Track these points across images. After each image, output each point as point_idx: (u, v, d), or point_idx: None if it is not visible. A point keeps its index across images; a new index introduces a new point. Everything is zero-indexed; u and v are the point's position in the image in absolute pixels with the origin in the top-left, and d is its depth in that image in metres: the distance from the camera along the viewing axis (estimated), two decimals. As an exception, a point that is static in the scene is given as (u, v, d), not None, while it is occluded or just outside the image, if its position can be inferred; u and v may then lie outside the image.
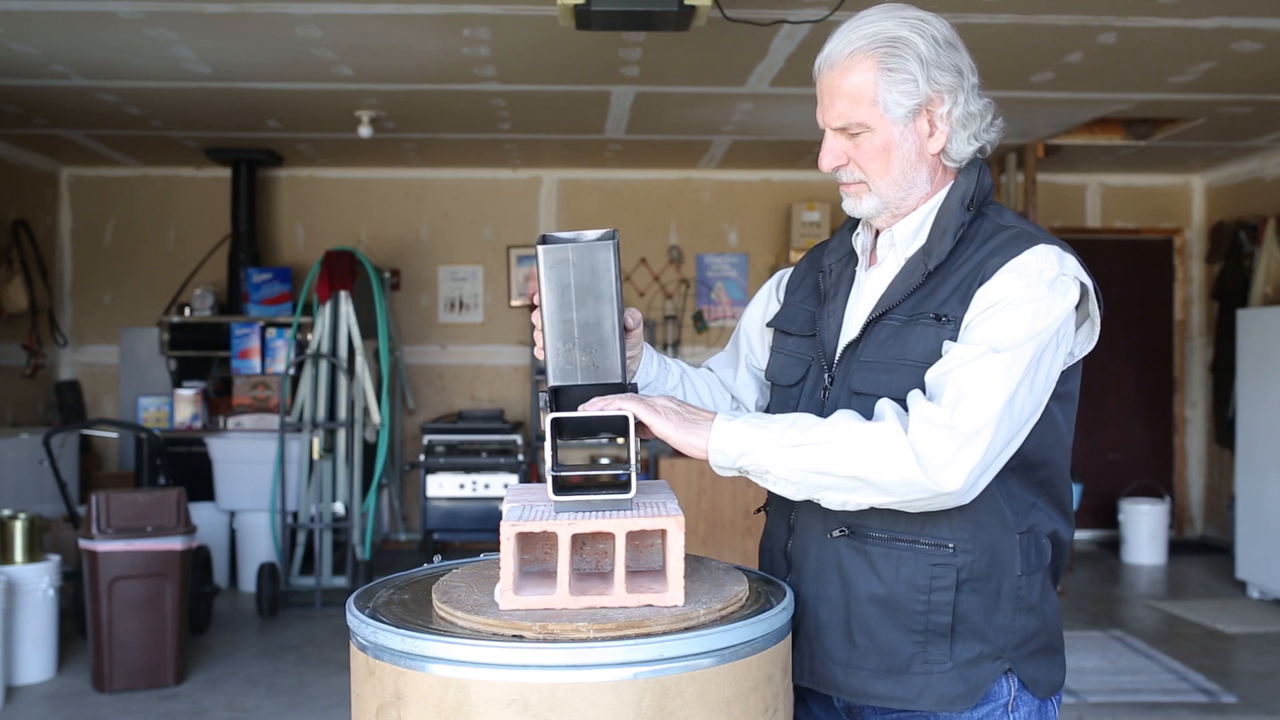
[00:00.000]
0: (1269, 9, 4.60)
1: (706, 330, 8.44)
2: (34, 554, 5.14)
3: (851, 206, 1.78)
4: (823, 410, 1.74)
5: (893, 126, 1.70)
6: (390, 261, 8.30)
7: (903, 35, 1.68)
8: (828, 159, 1.75)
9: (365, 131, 6.52)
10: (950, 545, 1.66)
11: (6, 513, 5.18)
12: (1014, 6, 4.59)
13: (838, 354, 1.78)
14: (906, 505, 1.61)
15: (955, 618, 1.67)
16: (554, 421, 1.67)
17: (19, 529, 5.10)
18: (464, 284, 8.40)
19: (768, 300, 2.01)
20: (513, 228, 8.41)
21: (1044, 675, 1.73)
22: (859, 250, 1.84)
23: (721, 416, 1.65)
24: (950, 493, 1.57)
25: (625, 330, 1.74)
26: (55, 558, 5.23)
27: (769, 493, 1.86)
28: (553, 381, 1.67)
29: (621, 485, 1.66)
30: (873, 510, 1.66)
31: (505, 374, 8.44)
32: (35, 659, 5.11)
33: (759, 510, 1.94)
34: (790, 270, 2.01)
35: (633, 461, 1.64)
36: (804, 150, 7.63)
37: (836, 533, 1.72)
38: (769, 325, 1.95)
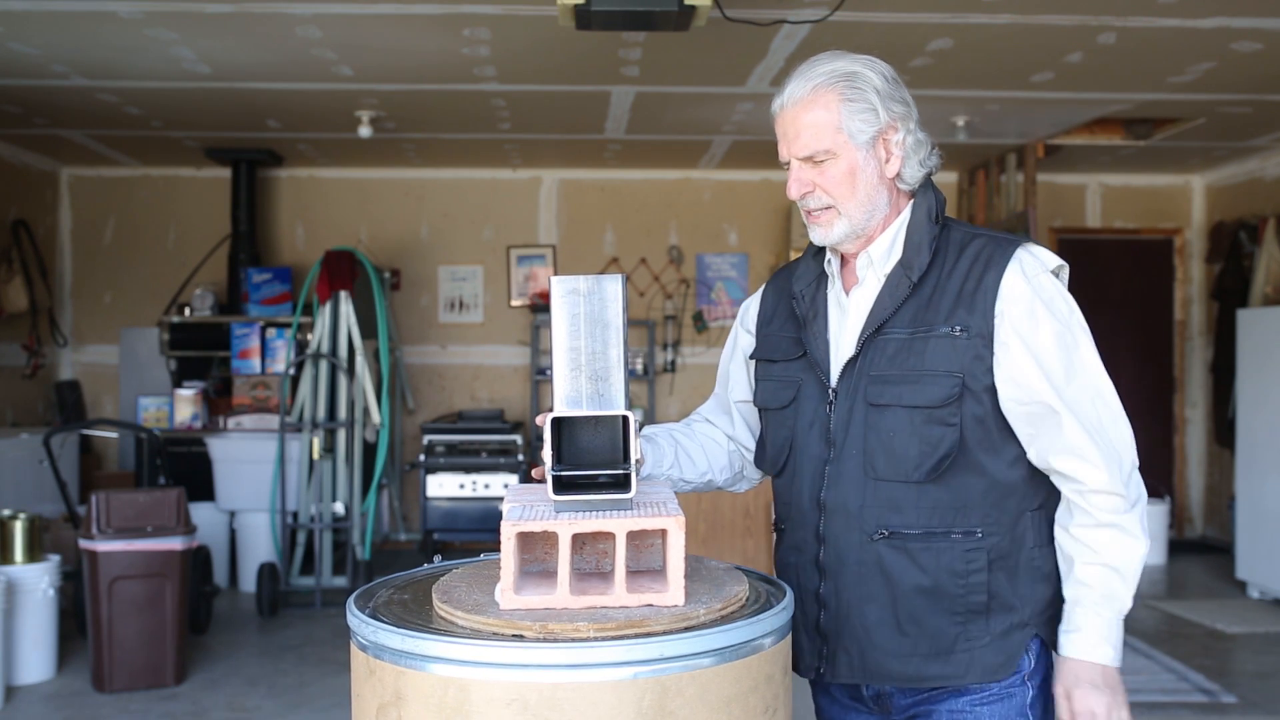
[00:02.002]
0: (1269, 9, 4.60)
1: (706, 330, 8.43)
2: (34, 554, 5.14)
3: (822, 235, 1.90)
4: (829, 422, 1.87)
5: (857, 152, 1.85)
6: (390, 261, 8.30)
7: (859, 70, 1.85)
8: (795, 187, 1.87)
9: (365, 131, 6.52)
10: (979, 531, 1.82)
11: (6, 513, 5.18)
12: (1014, 6, 4.59)
13: (837, 371, 1.89)
14: None
15: (989, 595, 1.82)
16: (555, 422, 1.68)
17: (19, 529, 5.10)
18: (464, 284, 8.40)
19: (735, 339, 2.14)
20: (513, 228, 8.41)
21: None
22: (831, 273, 1.96)
23: (1087, 651, 1.80)
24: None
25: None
26: (55, 558, 5.23)
27: (787, 506, 1.96)
28: (558, 411, 1.70)
29: (622, 485, 1.66)
30: (909, 510, 1.82)
31: (505, 374, 8.44)
32: (35, 659, 5.11)
33: (776, 528, 2.01)
34: (750, 305, 2.12)
35: (632, 461, 1.65)
36: (804, 150, 7.62)
37: (877, 536, 1.83)
38: (751, 358, 2.06)
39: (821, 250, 1.97)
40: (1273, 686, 5.09)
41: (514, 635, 1.49)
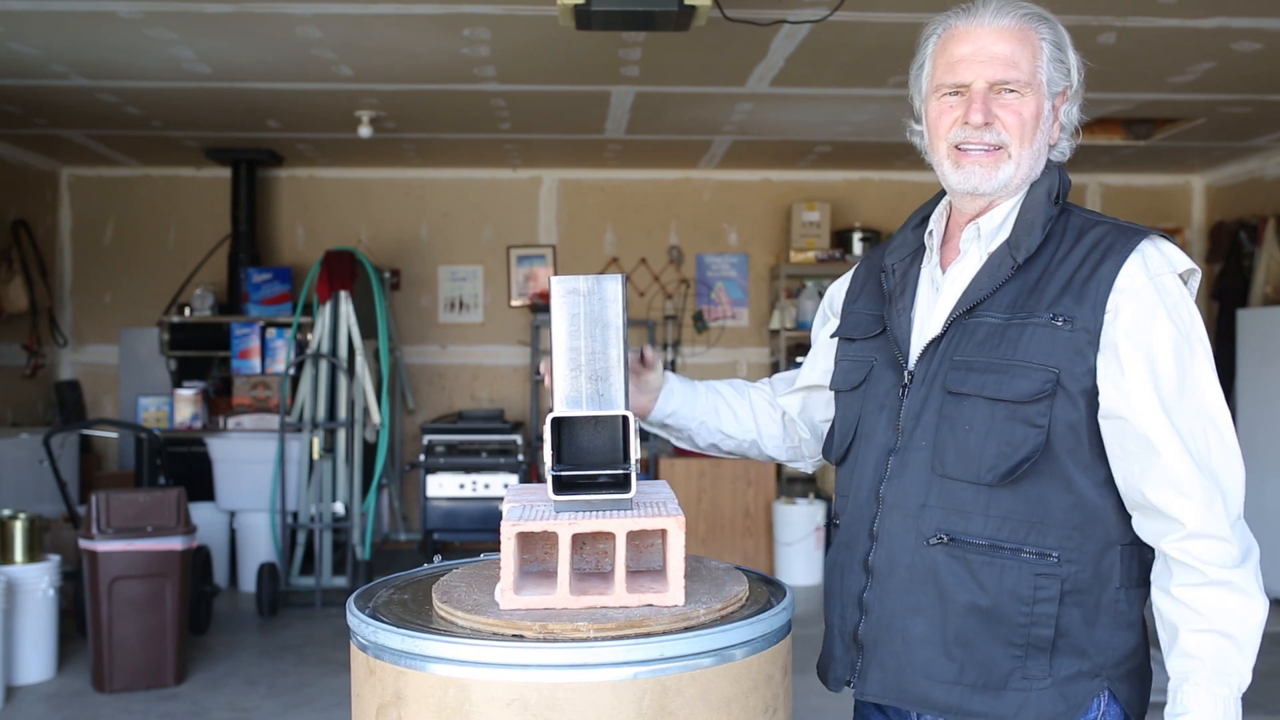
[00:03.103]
0: (1269, 9, 4.60)
1: (706, 330, 8.43)
2: (34, 554, 5.14)
3: (982, 178, 1.68)
4: (900, 408, 1.70)
5: (1045, 100, 1.69)
6: (390, 261, 8.30)
7: (1056, 23, 1.73)
8: (980, 112, 1.66)
9: (365, 131, 6.52)
10: (1055, 555, 1.60)
11: (6, 513, 5.18)
12: (1014, 6, 4.58)
13: (916, 352, 1.72)
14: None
15: (1057, 631, 1.61)
16: (554, 421, 1.68)
17: (19, 529, 5.10)
18: (464, 284, 8.40)
19: (824, 320, 2.00)
20: (513, 228, 8.41)
21: (1137, 695, 1.69)
22: (930, 246, 1.78)
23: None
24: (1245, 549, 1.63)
25: (635, 362, 1.88)
26: (55, 558, 5.23)
27: (845, 499, 1.80)
28: (558, 411, 1.70)
29: (622, 485, 1.66)
30: (976, 516, 1.62)
31: (505, 374, 8.44)
32: (35, 659, 5.11)
33: (832, 524, 1.87)
34: (839, 286, 1.97)
35: (633, 461, 1.65)
36: (804, 150, 7.63)
37: (934, 540, 1.63)
38: (833, 337, 1.91)
39: (923, 222, 1.80)
40: (1273, 686, 5.09)
41: (514, 635, 1.49)
